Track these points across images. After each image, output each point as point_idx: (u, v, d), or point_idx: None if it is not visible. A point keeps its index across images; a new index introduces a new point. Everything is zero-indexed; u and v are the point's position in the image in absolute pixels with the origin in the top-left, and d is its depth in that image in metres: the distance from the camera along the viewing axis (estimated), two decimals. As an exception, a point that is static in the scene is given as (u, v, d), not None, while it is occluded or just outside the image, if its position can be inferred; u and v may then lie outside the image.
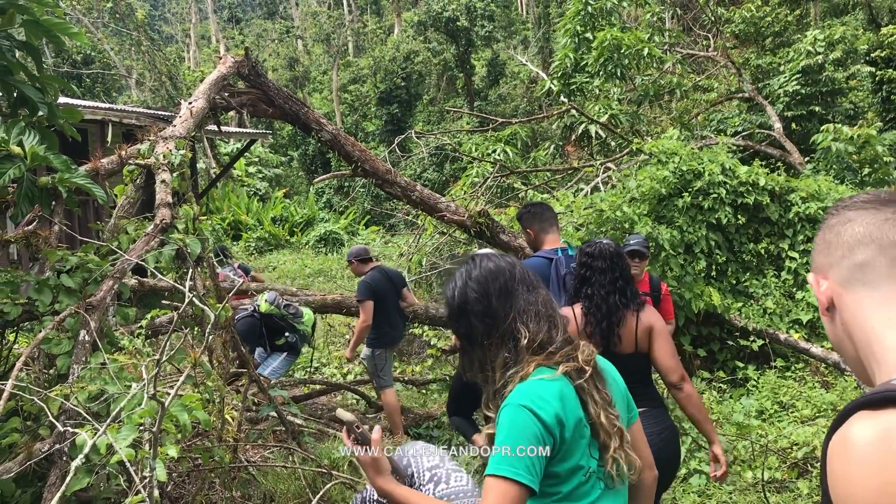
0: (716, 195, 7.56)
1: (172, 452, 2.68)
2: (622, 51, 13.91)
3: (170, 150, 4.67)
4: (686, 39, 19.59)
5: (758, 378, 6.78)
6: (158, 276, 3.40)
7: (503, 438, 1.78)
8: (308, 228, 21.75)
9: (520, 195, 11.11)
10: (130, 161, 4.70)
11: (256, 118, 8.68)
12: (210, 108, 5.95)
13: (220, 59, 6.69)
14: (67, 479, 2.47)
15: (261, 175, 27.45)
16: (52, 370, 3.46)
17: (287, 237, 20.92)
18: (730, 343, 7.40)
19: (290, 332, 7.01)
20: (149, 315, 6.40)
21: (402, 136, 12.05)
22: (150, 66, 27.74)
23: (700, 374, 7.04)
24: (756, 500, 4.76)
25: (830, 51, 15.29)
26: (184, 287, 2.92)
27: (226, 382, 4.17)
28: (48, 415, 2.86)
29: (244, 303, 7.01)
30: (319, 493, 3.98)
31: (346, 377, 8.50)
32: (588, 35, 15.56)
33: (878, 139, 10.53)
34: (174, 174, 4.50)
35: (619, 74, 14.22)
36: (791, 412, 6.11)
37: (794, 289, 7.78)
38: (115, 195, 4.71)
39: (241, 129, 16.09)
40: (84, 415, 2.81)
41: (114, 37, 31.69)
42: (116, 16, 29.02)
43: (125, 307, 3.90)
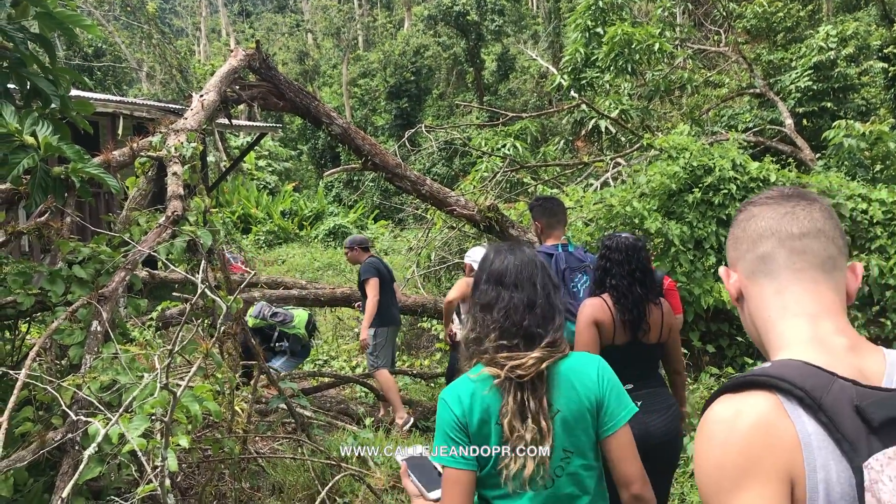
0: (726, 191, 7.52)
1: (183, 442, 2.70)
2: (633, 46, 13.86)
3: (181, 143, 4.69)
4: (697, 34, 19.49)
5: (767, 374, 6.75)
6: (170, 268, 3.42)
7: (436, 429, 1.96)
8: (317, 222, 21.80)
9: (529, 190, 11.08)
10: (142, 153, 4.72)
11: (267, 112, 8.69)
12: (221, 101, 5.96)
13: (232, 52, 6.70)
14: (80, 468, 2.49)
15: (270, 169, 27.51)
16: (65, 360, 3.49)
17: (296, 231, 20.98)
18: (739, 339, 7.38)
19: (280, 340, 7.05)
20: (159, 307, 6.44)
21: (412, 131, 12.02)
22: (161, 60, 27.79)
23: (709, 370, 7.02)
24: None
25: (843, 46, 15.19)
26: (195, 279, 2.93)
27: (236, 374, 4.19)
28: (61, 404, 2.88)
29: None
30: (328, 485, 4.00)
31: (355, 370, 8.52)
32: (599, 30, 15.52)
33: (891, 135, 10.44)
34: (185, 166, 4.52)
35: (630, 69, 14.17)
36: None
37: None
38: (127, 187, 4.73)
39: (252, 123, 16.12)
40: (96, 404, 2.83)
41: (125, 30, 31.77)
42: (127, 9, 29.08)
43: (137, 298, 3.93)
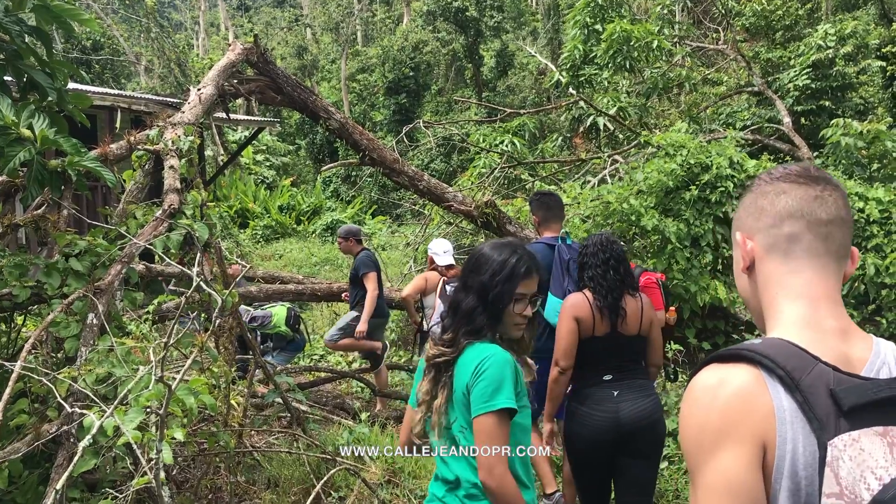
0: (723, 188, 7.54)
1: (179, 436, 2.70)
2: (631, 43, 13.83)
3: (178, 136, 4.69)
4: (696, 32, 19.46)
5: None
6: (167, 261, 3.42)
7: None
8: (315, 217, 21.80)
9: (527, 186, 11.09)
10: (139, 146, 4.71)
11: (265, 106, 8.69)
12: (219, 95, 5.96)
13: (230, 46, 6.69)
14: (74, 461, 2.50)
15: (268, 163, 27.48)
16: (60, 353, 3.49)
17: (294, 226, 20.98)
18: (735, 337, 7.40)
19: (264, 342, 7.05)
20: (156, 301, 6.43)
21: (410, 126, 12.01)
22: (160, 53, 27.71)
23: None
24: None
25: (841, 45, 15.19)
26: (191, 272, 2.94)
27: (232, 368, 4.19)
28: (56, 397, 2.89)
29: None
30: (323, 479, 4.01)
31: (351, 365, 8.53)
32: (597, 27, 15.47)
33: (888, 135, 10.45)
34: (182, 160, 4.51)
35: (628, 67, 14.14)
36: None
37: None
38: (124, 180, 4.73)
39: (250, 117, 16.10)
40: (91, 397, 2.83)
41: (123, 23, 31.69)
42: (126, 2, 29.00)
43: (133, 292, 3.93)
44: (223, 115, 8.29)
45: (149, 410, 2.71)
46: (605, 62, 14.30)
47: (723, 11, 17.33)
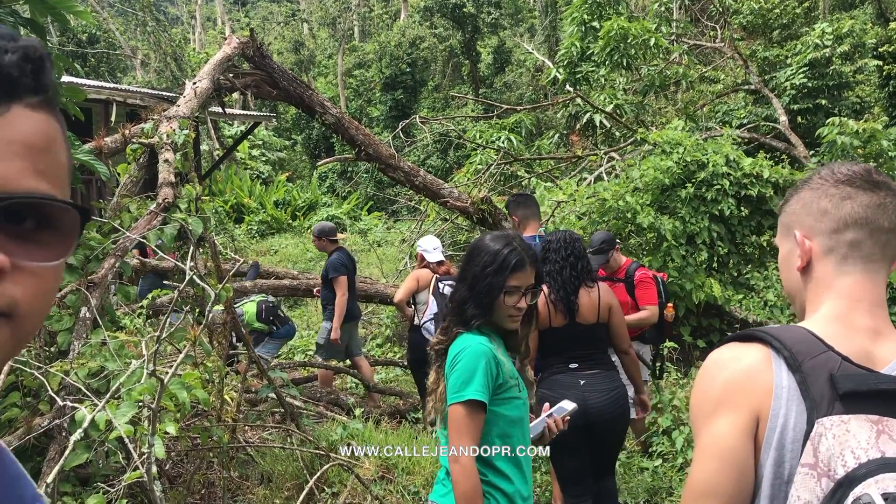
0: (719, 186, 7.54)
1: (171, 430, 2.69)
2: (629, 40, 13.83)
3: (173, 130, 4.67)
4: (693, 30, 19.46)
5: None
6: (160, 255, 3.41)
7: None
8: (310, 213, 21.74)
9: (523, 183, 11.08)
10: (134, 140, 4.69)
11: (261, 101, 8.66)
12: (214, 89, 5.94)
13: (226, 40, 6.66)
14: (66, 454, 2.48)
15: (264, 158, 27.43)
16: (53, 346, 3.47)
17: (289, 221, 20.91)
18: (729, 335, 7.39)
19: (239, 340, 7.01)
20: (150, 295, 6.41)
21: (407, 122, 11.99)
22: (156, 47, 27.64)
23: (698, 365, 7.03)
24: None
25: (838, 44, 15.18)
26: (185, 266, 2.92)
27: (225, 363, 4.18)
28: (48, 390, 2.87)
29: None
30: (317, 475, 4.01)
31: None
32: (595, 24, 15.48)
33: (884, 134, 10.45)
34: (177, 154, 4.49)
35: (626, 64, 14.14)
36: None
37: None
38: (118, 174, 4.71)
39: (245, 112, 16.03)
40: (84, 391, 2.82)
41: (119, 17, 31.60)
42: (122, -4, 28.93)
43: (126, 286, 3.91)
44: (219, 110, 8.26)
45: (141, 405, 2.70)
46: (603, 59, 14.30)
47: (720, 9, 17.31)
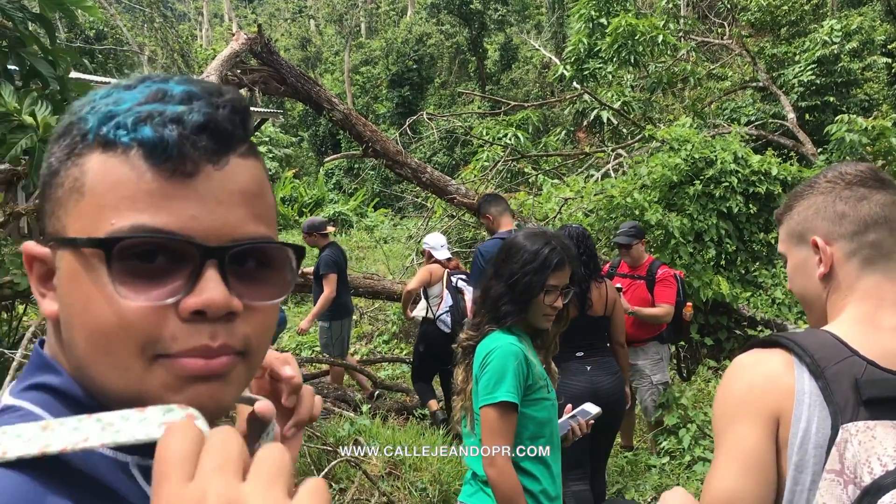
0: (727, 184, 7.50)
1: (180, 425, 2.69)
2: (636, 37, 13.79)
3: (181, 126, 4.66)
4: (701, 27, 19.40)
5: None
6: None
7: None
8: (317, 209, 21.75)
9: (530, 180, 11.06)
10: (142, 136, 4.69)
11: (267, 97, 8.65)
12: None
13: (233, 36, 6.66)
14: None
15: (271, 155, 27.41)
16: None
17: (296, 217, 20.93)
18: (737, 332, 7.38)
19: None
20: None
21: (413, 118, 11.98)
22: (163, 44, 27.67)
23: (706, 363, 7.02)
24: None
25: (847, 41, 15.12)
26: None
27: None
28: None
29: None
30: (324, 471, 4.01)
31: (354, 356, 8.52)
32: (602, 20, 15.44)
33: (893, 131, 10.40)
34: (185, 150, 4.49)
35: (633, 61, 14.10)
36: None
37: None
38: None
39: (253, 108, 16.03)
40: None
41: (126, 13, 31.62)
42: (129, -8, 28.96)
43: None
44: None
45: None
46: (610, 56, 14.26)
47: (728, 6, 17.29)
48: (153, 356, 0.63)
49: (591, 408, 2.69)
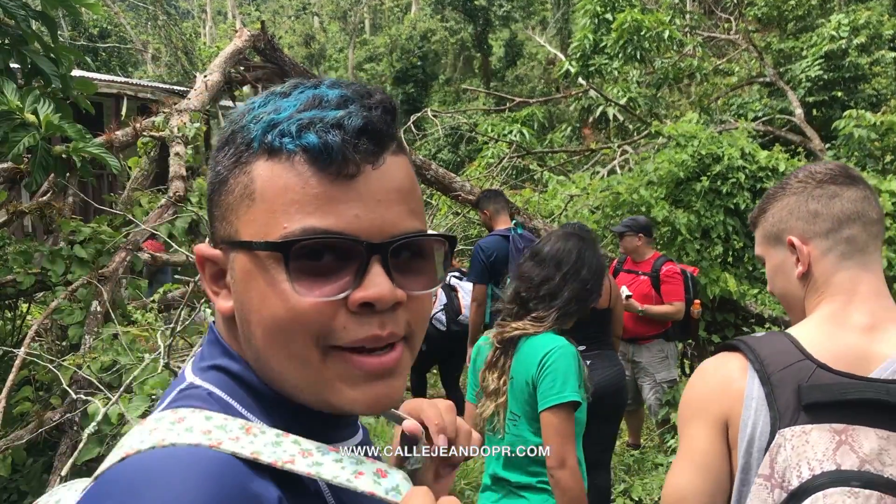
0: (734, 180, 7.45)
1: (183, 425, 2.67)
2: (642, 33, 13.74)
3: (184, 123, 4.65)
4: (707, 22, 19.31)
5: (772, 365, 6.72)
6: (173, 248, 3.39)
7: None
8: (322, 206, 21.76)
9: (535, 176, 11.02)
10: (145, 133, 4.68)
11: (272, 94, 8.60)
12: (225, 82, 5.92)
13: (237, 33, 6.64)
14: (78, 448, 2.47)
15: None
16: (65, 340, 3.46)
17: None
18: (745, 330, 7.33)
19: None
20: (161, 289, 6.41)
21: (418, 115, 11.94)
22: (166, 41, 27.65)
23: (713, 360, 6.97)
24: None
25: (854, 36, 15.02)
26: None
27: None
28: (60, 384, 2.86)
29: None
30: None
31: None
32: (608, 16, 15.38)
33: (901, 126, 10.35)
34: (188, 147, 4.47)
35: (639, 57, 14.05)
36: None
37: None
38: (129, 167, 4.69)
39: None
40: (96, 384, 2.81)
41: (130, 11, 31.63)
42: (134, -10, 28.96)
43: (137, 280, 3.90)
44: (230, 103, 8.25)
45: (154, 398, 2.68)
46: (616, 52, 14.21)
47: (734, 1, 17.19)
48: (327, 347, 0.69)
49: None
